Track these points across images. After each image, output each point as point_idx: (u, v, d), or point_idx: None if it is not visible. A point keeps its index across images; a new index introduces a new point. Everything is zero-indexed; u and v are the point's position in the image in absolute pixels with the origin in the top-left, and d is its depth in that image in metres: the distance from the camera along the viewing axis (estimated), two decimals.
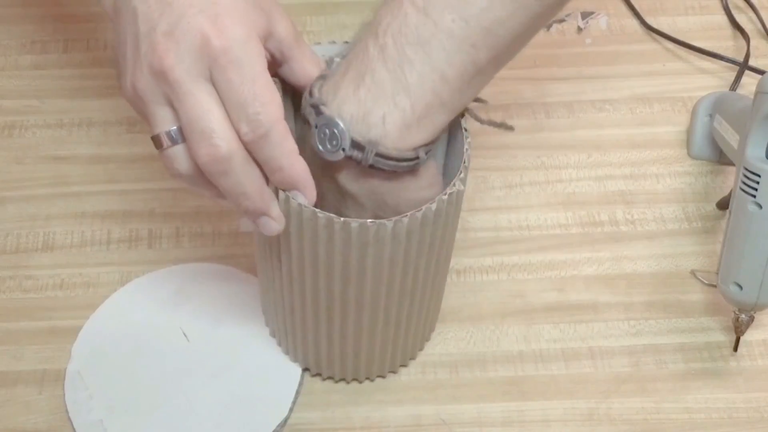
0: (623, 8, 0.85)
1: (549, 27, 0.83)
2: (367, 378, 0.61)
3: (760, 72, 0.78)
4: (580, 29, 0.83)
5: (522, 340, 0.63)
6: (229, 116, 0.46)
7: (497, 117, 0.76)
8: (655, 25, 0.83)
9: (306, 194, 0.48)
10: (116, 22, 0.49)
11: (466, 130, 0.52)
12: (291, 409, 0.59)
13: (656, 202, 0.71)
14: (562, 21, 0.83)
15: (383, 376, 0.61)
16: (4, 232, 0.69)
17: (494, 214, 0.70)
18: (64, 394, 0.60)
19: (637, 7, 0.84)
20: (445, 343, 0.63)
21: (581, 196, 0.71)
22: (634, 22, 0.84)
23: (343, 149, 0.48)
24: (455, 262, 0.67)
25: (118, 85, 0.49)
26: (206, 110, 0.46)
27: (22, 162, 0.73)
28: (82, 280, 0.66)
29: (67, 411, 0.59)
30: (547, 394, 0.60)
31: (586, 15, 0.84)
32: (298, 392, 0.59)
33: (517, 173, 0.72)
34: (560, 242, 0.68)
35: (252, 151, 0.47)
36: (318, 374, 0.60)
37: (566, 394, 0.60)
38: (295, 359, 0.60)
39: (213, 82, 0.46)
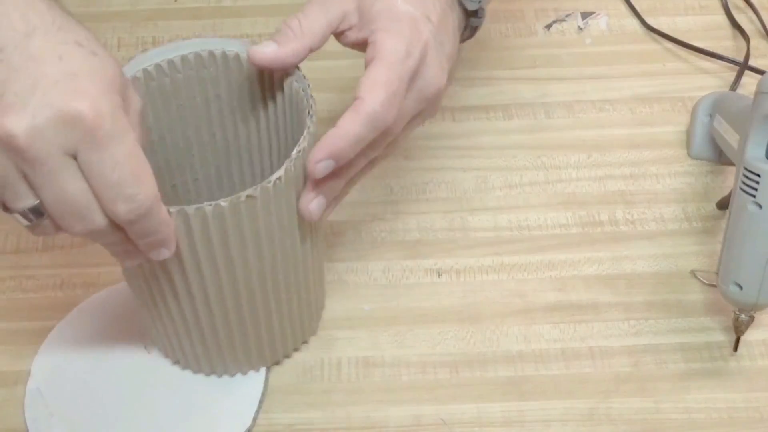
0: (623, 8, 0.85)
1: (549, 27, 0.83)
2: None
3: (760, 72, 0.78)
4: (580, 29, 0.83)
5: (522, 340, 0.63)
6: (96, 193, 0.43)
7: (497, 117, 0.76)
8: (655, 25, 0.83)
9: (170, 249, 0.48)
10: None
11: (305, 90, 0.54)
12: (254, 419, 0.58)
13: (656, 202, 0.71)
14: (562, 21, 0.83)
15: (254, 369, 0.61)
16: (4, 232, 0.69)
17: (494, 214, 0.70)
18: (24, 412, 0.59)
19: (637, 7, 0.84)
20: (445, 343, 0.63)
21: (581, 196, 0.71)
22: (634, 22, 0.84)
23: None
24: (455, 262, 0.67)
25: None
26: (75, 191, 0.43)
27: None
28: (82, 280, 0.66)
29: (27, 430, 0.58)
30: (547, 394, 0.60)
31: (586, 15, 0.84)
32: (261, 401, 0.59)
33: (517, 173, 0.72)
34: (560, 242, 0.68)
35: (128, 228, 0.46)
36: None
37: (566, 394, 0.60)
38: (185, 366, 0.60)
39: (78, 159, 0.43)
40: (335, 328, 0.64)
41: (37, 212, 0.44)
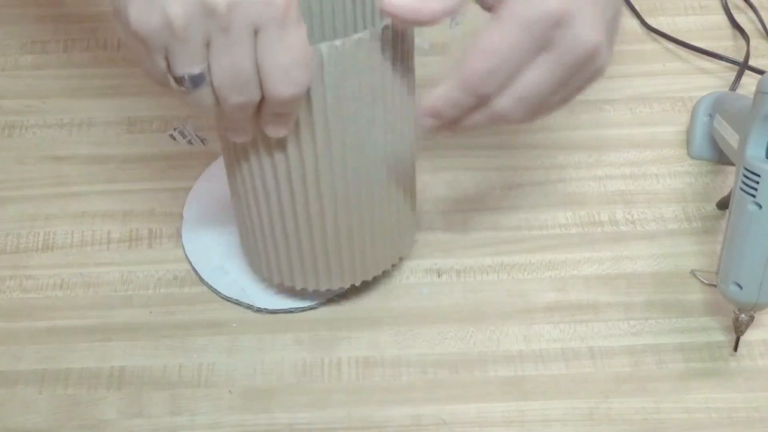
0: (623, 8, 0.85)
1: None
2: (360, 282, 0.62)
3: (760, 72, 0.78)
4: None
5: (522, 340, 0.63)
6: (264, 71, 0.46)
7: None
8: (655, 25, 0.83)
9: (288, 129, 0.51)
10: None
11: None
12: None
13: (656, 202, 0.71)
14: None
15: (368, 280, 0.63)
16: (4, 232, 0.69)
17: (494, 214, 0.70)
18: (183, 247, 0.67)
19: (637, 7, 0.84)
20: (445, 343, 0.63)
21: (581, 196, 0.71)
22: (634, 22, 0.84)
23: None
24: (455, 262, 0.67)
25: (113, 9, 0.46)
26: (249, 66, 0.46)
27: (22, 162, 0.73)
28: (82, 280, 0.66)
29: (190, 262, 0.66)
30: (547, 394, 0.60)
31: None
32: None
33: (517, 173, 0.72)
34: (560, 242, 0.68)
35: (272, 106, 0.48)
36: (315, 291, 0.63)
37: (566, 394, 0.61)
38: (279, 279, 0.62)
39: (258, 36, 0.45)
40: (335, 328, 0.64)
41: (197, 81, 0.46)
